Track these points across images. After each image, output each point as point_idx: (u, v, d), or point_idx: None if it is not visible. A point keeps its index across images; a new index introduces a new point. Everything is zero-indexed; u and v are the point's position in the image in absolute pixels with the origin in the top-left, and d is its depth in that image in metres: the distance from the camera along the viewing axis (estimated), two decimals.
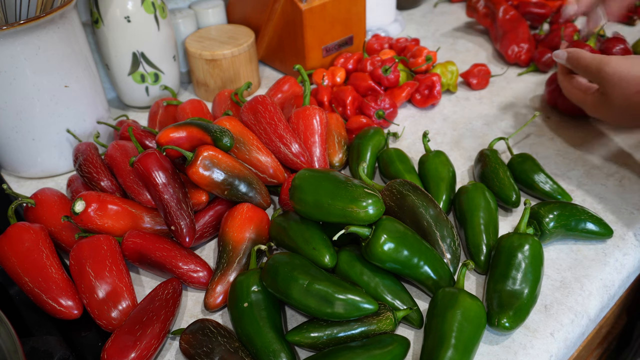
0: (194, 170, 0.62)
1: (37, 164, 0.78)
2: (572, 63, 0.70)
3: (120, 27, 0.83)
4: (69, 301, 0.55)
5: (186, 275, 0.59)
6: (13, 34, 0.65)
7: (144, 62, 0.88)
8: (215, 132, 0.64)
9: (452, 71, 0.93)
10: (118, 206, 0.63)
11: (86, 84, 0.78)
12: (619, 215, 0.66)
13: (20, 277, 0.57)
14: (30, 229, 0.60)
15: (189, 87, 1.02)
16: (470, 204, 0.63)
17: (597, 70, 0.64)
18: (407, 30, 1.20)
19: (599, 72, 0.64)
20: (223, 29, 0.98)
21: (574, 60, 0.70)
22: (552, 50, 1.02)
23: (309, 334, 0.51)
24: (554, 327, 0.54)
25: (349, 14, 0.97)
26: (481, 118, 0.88)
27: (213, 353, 0.50)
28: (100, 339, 0.55)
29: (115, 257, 0.59)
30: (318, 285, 0.50)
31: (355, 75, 0.90)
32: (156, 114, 0.84)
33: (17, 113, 0.72)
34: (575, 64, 0.70)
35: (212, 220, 0.65)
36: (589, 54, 0.67)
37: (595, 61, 0.65)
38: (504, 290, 0.53)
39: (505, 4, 1.07)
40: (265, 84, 1.01)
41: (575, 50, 0.71)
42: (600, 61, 0.64)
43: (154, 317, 0.53)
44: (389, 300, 0.54)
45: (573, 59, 0.70)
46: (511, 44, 1.01)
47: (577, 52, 0.69)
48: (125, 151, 0.70)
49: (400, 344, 0.50)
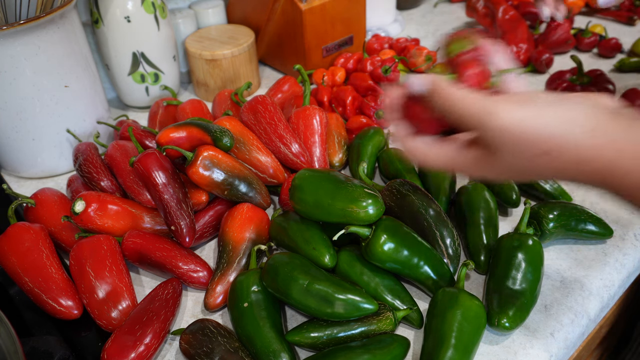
0: (194, 170, 0.62)
1: (37, 164, 0.78)
2: (438, 102, 0.43)
3: (120, 27, 0.83)
4: (69, 301, 0.55)
5: (186, 275, 0.59)
6: (13, 34, 0.65)
7: (144, 62, 0.88)
8: (215, 132, 0.64)
9: None
10: (118, 206, 0.62)
11: (86, 84, 0.78)
12: (619, 215, 0.66)
13: (20, 277, 0.57)
14: (30, 229, 0.60)
15: (189, 87, 1.02)
16: (470, 204, 0.63)
17: (478, 123, 0.40)
18: (407, 30, 1.20)
19: (481, 127, 0.40)
20: (223, 29, 0.98)
21: (440, 98, 0.43)
22: (551, 50, 1.02)
23: (309, 334, 0.51)
24: (554, 327, 0.54)
25: (349, 14, 0.97)
26: None
27: (213, 353, 0.50)
28: (100, 339, 0.55)
29: (115, 257, 0.59)
30: (318, 285, 0.50)
31: (355, 75, 0.90)
32: (156, 114, 0.84)
33: (17, 113, 0.72)
34: (441, 104, 0.43)
35: (212, 220, 0.65)
36: (462, 93, 0.41)
37: (473, 108, 0.40)
38: (504, 290, 0.53)
39: (505, 4, 1.07)
40: (265, 84, 1.01)
41: (440, 83, 0.43)
42: (482, 109, 0.39)
43: (154, 317, 0.53)
44: (389, 300, 0.54)
45: (439, 96, 0.43)
46: (510, 44, 1.01)
47: (444, 89, 0.42)
48: (125, 151, 0.70)
49: (400, 344, 0.50)
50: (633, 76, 0.95)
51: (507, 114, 0.38)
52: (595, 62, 1.01)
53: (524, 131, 0.37)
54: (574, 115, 0.37)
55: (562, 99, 0.38)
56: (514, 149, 0.38)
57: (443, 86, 0.42)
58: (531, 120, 0.37)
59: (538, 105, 0.38)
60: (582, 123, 0.36)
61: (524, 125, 0.37)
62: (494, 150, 0.40)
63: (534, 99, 0.39)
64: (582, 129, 0.36)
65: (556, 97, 0.39)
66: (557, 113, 0.37)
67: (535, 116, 0.37)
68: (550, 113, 0.37)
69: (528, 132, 0.37)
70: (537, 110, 0.38)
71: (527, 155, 0.38)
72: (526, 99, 0.39)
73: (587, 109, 0.37)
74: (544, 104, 0.38)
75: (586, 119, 0.37)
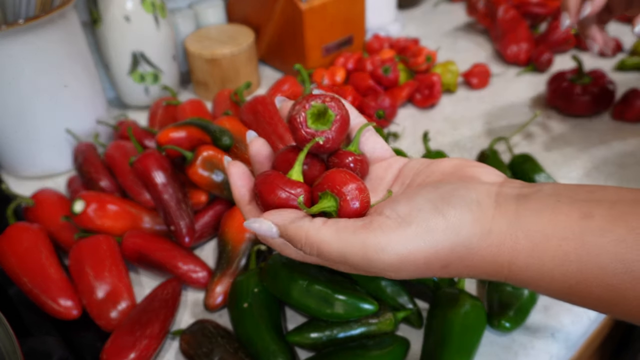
0: (193, 170, 0.62)
1: (36, 164, 0.78)
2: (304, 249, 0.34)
3: (120, 27, 0.83)
4: (68, 301, 0.55)
5: (186, 276, 0.58)
6: (12, 33, 0.65)
7: (143, 62, 0.87)
8: (215, 132, 0.64)
9: (452, 71, 0.93)
10: (117, 206, 0.62)
11: (85, 84, 0.78)
12: None
13: (19, 277, 0.57)
14: (29, 229, 0.60)
15: (188, 87, 1.02)
16: None
17: (364, 263, 0.33)
18: (407, 30, 1.20)
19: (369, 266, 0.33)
20: (223, 29, 0.98)
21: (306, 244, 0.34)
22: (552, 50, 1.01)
23: (309, 335, 0.50)
24: (555, 328, 0.53)
25: (349, 13, 0.97)
26: (481, 118, 0.88)
27: (213, 353, 0.49)
28: (99, 340, 0.55)
29: (115, 257, 0.58)
30: (318, 286, 0.50)
31: (355, 75, 0.90)
32: (156, 114, 0.84)
33: (16, 113, 0.71)
34: (309, 250, 0.34)
35: (212, 220, 0.65)
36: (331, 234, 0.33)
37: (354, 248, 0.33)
38: (504, 290, 0.53)
39: (506, 4, 1.07)
40: (265, 83, 1.01)
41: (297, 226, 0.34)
42: (364, 248, 0.33)
43: (154, 318, 0.53)
44: (389, 300, 0.54)
45: (304, 243, 0.34)
46: (510, 43, 1.01)
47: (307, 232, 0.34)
48: (124, 151, 0.70)
49: (400, 345, 0.50)
50: (633, 76, 0.95)
51: (395, 247, 0.32)
52: (595, 62, 1.01)
53: (420, 256, 0.32)
54: (464, 224, 0.32)
55: (442, 202, 0.33)
56: (413, 272, 0.34)
57: (303, 229, 0.34)
58: (423, 245, 0.32)
59: (421, 223, 0.32)
60: (475, 231, 0.32)
61: (418, 253, 0.32)
62: (388, 275, 0.34)
63: (414, 214, 0.33)
64: (478, 237, 0.32)
65: (435, 202, 0.33)
66: (447, 227, 0.32)
67: (426, 240, 0.32)
68: (440, 229, 0.32)
69: (424, 256, 0.32)
70: (425, 231, 0.32)
71: (426, 272, 0.34)
72: (406, 216, 0.33)
73: (474, 211, 0.33)
74: (427, 219, 0.33)
75: (477, 223, 0.32)
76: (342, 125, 0.37)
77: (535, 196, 0.33)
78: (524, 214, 0.32)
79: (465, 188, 0.34)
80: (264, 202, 0.36)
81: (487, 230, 0.32)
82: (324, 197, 0.35)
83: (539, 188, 0.34)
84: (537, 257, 0.32)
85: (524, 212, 0.32)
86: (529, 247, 0.32)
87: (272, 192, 0.35)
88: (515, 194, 0.34)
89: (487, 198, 0.33)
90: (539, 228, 0.32)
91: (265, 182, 0.36)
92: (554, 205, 0.32)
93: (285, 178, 0.36)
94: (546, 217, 0.32)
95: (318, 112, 0.37)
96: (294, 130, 0.37)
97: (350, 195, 0.34)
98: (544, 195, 0.33)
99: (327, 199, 0.35)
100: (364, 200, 0.35)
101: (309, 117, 0.36)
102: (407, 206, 0.34)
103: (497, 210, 0.33)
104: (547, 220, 0.32)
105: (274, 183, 0.36)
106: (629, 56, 1.00)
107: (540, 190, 0.33)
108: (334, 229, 0.33)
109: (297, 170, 0.37)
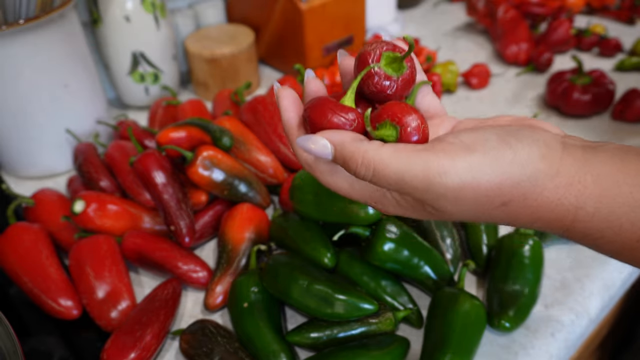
0: (193, 170, 0.62)
1: (36, 164, 0.78)
2: (359, 170, 0.32)
3: (120, 27, 0.83)
4: (68, 301, 0.55)
5: (186, 276, 0.59)
6: (12, 33, 0.65)
7: (143, 62, 0.87)
8: (215, 132, 0.64)
9: (452, 71, 0.93)
10: (117, 206, 0.62)
11: (86, 84, 0.78)
12: None
13: (19, 277, 0.57)
14: (29, 229, 0.60)
15: (189, 87, 1.02)
16: None
17: (424, 186, 0.31)
18: (407, 30, 1.20)
19: (430, 190, 0.31)
20: (223, 29, 0.98)
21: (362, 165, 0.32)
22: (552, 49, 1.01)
23: (309, 335, 0.50)
24: (555, 328, 0.53)
25: (349, 13, 0.97)
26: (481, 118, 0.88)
27: (213, 353, 0.49)
28: (99, 340, 0.55)
29: (115, 257, 0.58)
30: (318, 286, 0.50)
31: None
32: (156, 114, 0.84)
33: (16, 113, 0.71)
34: (364, 172, 0.32)
35: (212, 220, 0.65)
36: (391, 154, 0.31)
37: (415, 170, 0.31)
38: (504, 290, 0.53)
39: (505, 4, 1.07)
40: (265, 83, 1.01)
41: (354, 145, 0.32)
42: (428, 170, 0.31)
43: (154, 318, 0.53)
44: (389, 300, 0.54)
45: (360, 163, 0.32)
46: (510, 43, 1.01)
47: (365, 152, 0.32)
48: (124, 151, 0.70)
49: (400, 345, 0.50)
50: (633, 76, 0.95)
51: (459, 171, 0.30)
52: (595, 61, 1.01)
53: (483, 187, 0.31)
54: (532, 159, 0.31)
55: (510, 136, 0.32)
56: (469, 207, 0.32)
57: (360, 149, 0.32)
58: (488, 174, 0.31)
59: (489, 151, 0.31)
60: (542, 168, 0.31)
61: (481, 181, 0.31)
62: (442, 207, 0.33)
63: (480, 143, 0.31)
64: (545, 175, 0.31)
65: (502, 136, 0.32)
66: (514, 159, 0.31)
67: (493, 168, 0.31)
68: (507, 160, 0.31)
69: (487, 187, 0.31)
70: (492, 159, 0.31)
71: (483, 208, 0.32)
72: (472, 144, 0.31)
73: (542, 148, 0.31)
74: (495, 148, 0.31)
75: (545, 161, 0.31)
76: (408, 80, 0.35)
77: (603, 148, 0.32)
78: (592, 160, 0.31)
79: (532, 130, 0.33)
80: (314, 127, 0.33)
81: (555, 171, 0.31)
82: (382, 127, 0.33)
83: (603, 143, 0.33)
84: (606, 204, 0.30)
85: (592, 159, 0.31)
86: (598, 193, 0.30)
87: (324, 116, 0.33)
88: (581, 145, 0.33)
89: (554, 141, 0.32)
90: (610, 173, 0.30)
91: (316, 106, 0.33)
92: (623, 155, 0.31)
93: (339, 103, 0.33)
94: (616, 165, 0.31)
95: (393, 58, 0.34)
96: (363, 65, 0.34)
97: (411, 125, 0.32)
98: (611, 147, 0.32)
99: (386, 128, 0.33)
100: (425, 131, 0.33)
101: (384, 57, 0.34)
102: (472, 135, 0.32)
103: (565, 153, 0.32)
104: (617, 167, 0.31)
105: (326, 107, 0.33)
106: (628, 56, 1.00)
107: (605, 144, 0.33)
108: (394, 149, 0.31)
109: (350, 97, 0.34)
